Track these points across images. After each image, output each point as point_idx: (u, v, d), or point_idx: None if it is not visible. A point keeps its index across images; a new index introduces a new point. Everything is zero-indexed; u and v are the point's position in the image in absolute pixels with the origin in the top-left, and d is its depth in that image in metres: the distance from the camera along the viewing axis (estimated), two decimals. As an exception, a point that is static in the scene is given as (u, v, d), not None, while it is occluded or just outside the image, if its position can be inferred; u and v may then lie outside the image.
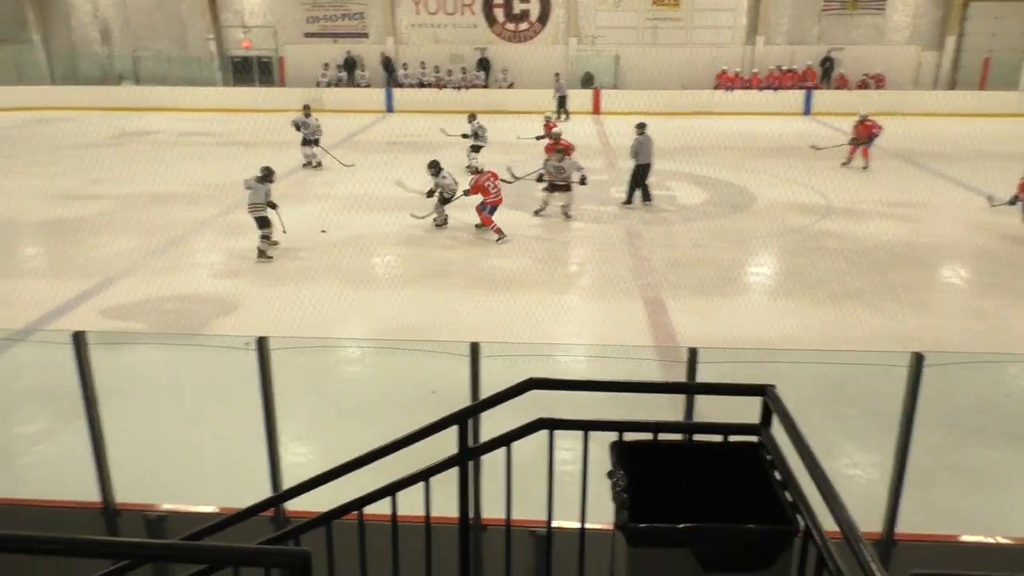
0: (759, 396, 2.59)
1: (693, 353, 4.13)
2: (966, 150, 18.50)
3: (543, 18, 27.39)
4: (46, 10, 28.53)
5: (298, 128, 16.96)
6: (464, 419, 3.01)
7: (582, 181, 12.73)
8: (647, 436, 2.66)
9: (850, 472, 5.89)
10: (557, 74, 25.79)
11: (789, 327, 8.66)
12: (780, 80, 26.39)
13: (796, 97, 25.79)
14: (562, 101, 24.73)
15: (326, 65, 27.48)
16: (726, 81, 26.43)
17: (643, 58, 27.03)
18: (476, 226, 12.08)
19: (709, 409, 3.94)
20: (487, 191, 11.80)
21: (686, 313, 9.01)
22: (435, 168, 12.00)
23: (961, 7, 26.18)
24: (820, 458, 2.19)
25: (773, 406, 2.53)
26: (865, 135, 16.91)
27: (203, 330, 8.37)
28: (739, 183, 15.59)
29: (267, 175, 10.83)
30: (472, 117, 16.69)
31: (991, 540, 4.30)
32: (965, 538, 4.46)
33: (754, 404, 2.61)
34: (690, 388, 3.96)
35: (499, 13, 27.39)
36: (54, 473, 3.53)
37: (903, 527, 4.22)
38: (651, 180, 13.78)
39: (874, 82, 26.41)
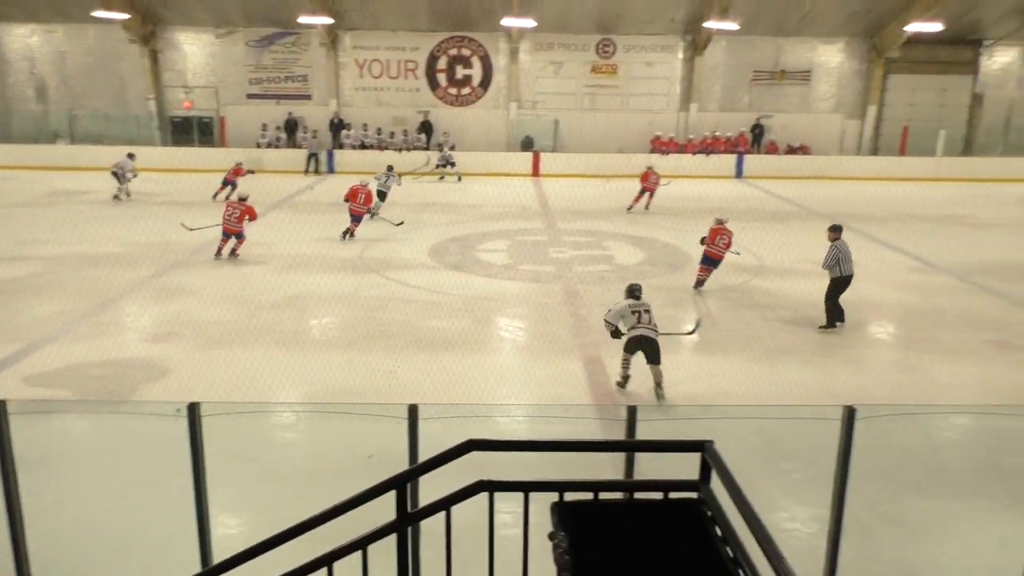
0: (698, 452, 2.60)
1: (632, 411, 4.16)
2: (889, 212, 19.34)
3: (485, 84, 27.97)
4: (-21, 68, 27.88)
5: (122, 173, 18.69)
6: (402, 484, 2.94)
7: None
8: (588, 495, 2.64)
9: (789, 526, 5.93)
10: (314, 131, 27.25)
11: (726, 383, 8.77)
12: (713, 145, 27.34)
13: (728, 161, 26.78)
14: (312, 159, 26.03)
15: (264, 125, 27.35)
16: (661, 145, 27.23)
17: (581, 123, 27.77)
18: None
19: (651, 467, 3.93)
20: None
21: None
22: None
23: (881, 79, 27.69)
24: (759, 512, 2.20)
25: (712, 462, 2.55)
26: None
27: (131, 397, 8.07)
28: (675, 243, 15.95)
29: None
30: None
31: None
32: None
33: (694, 460, 2.62)
34: (629, 446, 3.96)
35: (442, 78, 27.88)
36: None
37: (843, 581, 4.26)
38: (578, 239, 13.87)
39: (801, 150, 27.58)
